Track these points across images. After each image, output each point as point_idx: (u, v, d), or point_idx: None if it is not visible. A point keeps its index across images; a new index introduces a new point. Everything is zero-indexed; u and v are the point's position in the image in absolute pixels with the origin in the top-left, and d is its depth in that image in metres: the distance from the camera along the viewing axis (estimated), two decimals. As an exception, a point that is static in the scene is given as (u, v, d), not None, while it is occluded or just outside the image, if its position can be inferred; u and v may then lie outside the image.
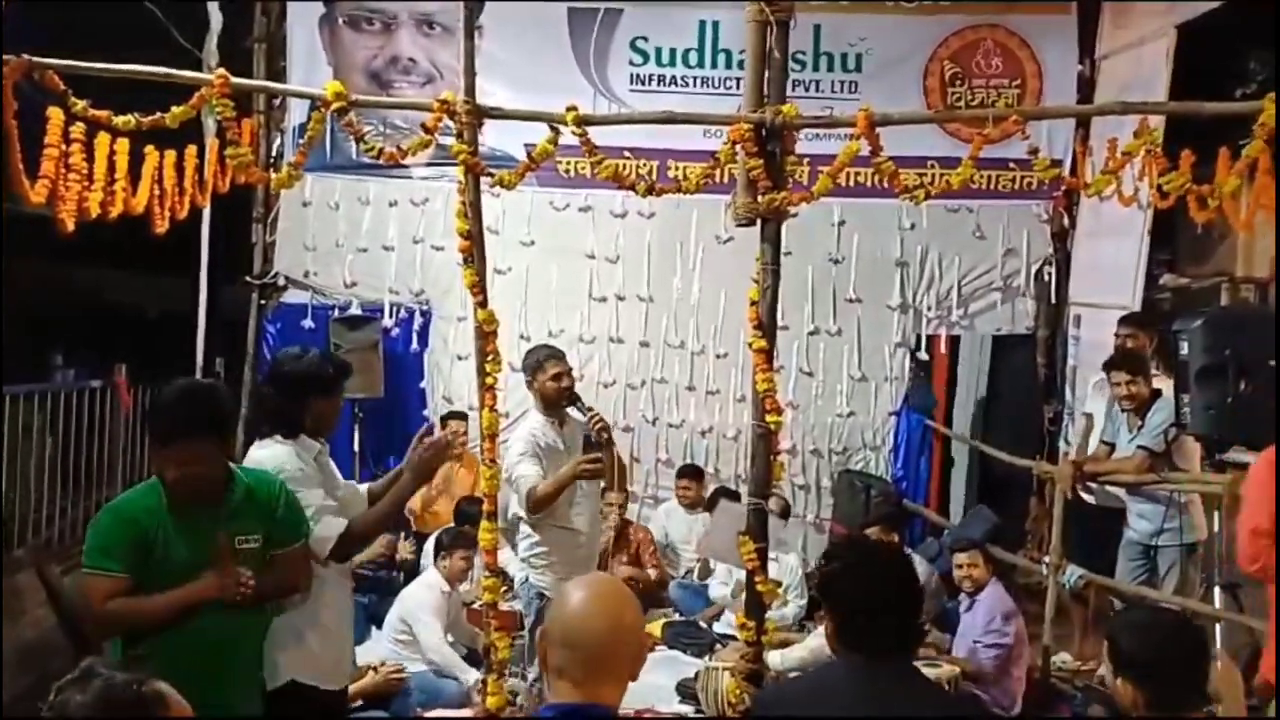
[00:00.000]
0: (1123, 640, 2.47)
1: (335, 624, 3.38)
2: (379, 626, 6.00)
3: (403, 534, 6.54)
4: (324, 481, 3.35)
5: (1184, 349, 4.50)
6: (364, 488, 3.63)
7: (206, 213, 6.73)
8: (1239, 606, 4.69)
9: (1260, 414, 4.12)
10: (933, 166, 7.29)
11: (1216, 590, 4.68)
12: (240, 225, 7.71)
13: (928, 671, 3.86)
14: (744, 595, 3.93)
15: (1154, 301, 7.15)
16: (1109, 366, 5.58)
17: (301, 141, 3.92)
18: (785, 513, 6.74)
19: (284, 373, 3.41)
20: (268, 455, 3.29)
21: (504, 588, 4.31)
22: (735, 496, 6.26)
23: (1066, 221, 7.79)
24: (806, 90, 7.46)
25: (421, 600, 5.41)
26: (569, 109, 3.77)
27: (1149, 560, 5.43)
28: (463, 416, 7.02)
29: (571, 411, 4.57)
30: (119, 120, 3.63)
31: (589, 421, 4.45)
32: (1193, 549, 5.32)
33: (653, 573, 6.71)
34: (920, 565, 5.31)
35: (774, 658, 4.79)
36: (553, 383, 4.48)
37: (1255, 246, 6.79)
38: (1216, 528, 4.80)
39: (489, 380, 3.80)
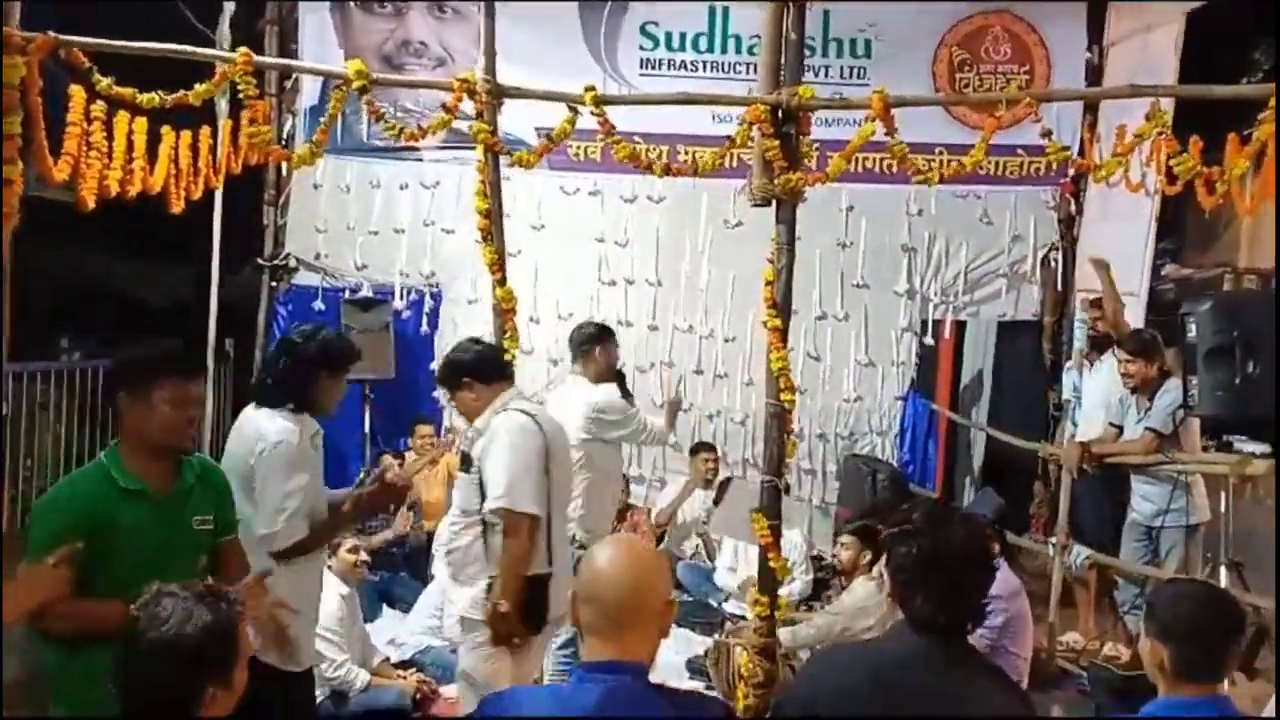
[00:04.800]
0: (1161, 604, 2.50)
1: (299, 607, 3.32)
2: (390, 605, 6.07)
3: (406, 507, 6.47)
4: (313, 469, 3.38)
5: (1191, 331, 4.54)
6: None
7: (219, 194, 6.75)
8: (1244, 585, 4.74)
9: (1267, 395, 4.16)
10: (941, 153, 7.31)
11: (1223, 569, 4.73)
12: (251, 208, 7.75)
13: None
14: (752, 589, 4.01)
15: (1158, 291, 7.20)
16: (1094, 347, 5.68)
17: (323, 120, 3.95)
18: (786, 490, 6.78)
19: (295, 346, 3.44)
20: (275, 425, 3.31)
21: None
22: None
23: (1073, 208, 7.83)
24: (816, 75, 7.47)
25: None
26: (588, 88, 3.81)
27: (1152, 541, 5.49)
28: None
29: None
30: (143, 98, 3.67)
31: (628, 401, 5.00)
32: (1194, 530, 5.39)
33: None
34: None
35: (784, 635, 4.83)
36: (615, 356, 5.04)
37: (1258, 237, 6.84)
38: (1223, 508, 4.85)
39: (507, 357, 3.85)
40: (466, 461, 3.80)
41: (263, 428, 3.31)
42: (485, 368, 3.84)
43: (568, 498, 4.01)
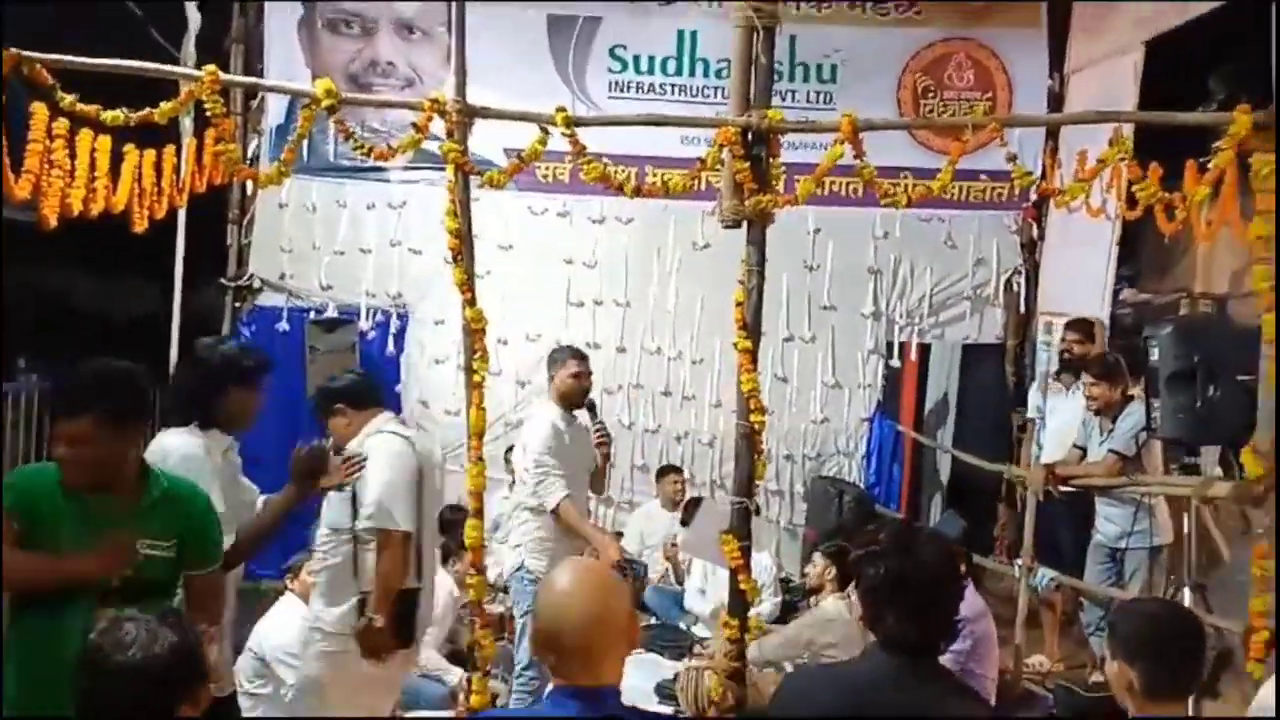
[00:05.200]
0: (1123, 624, 2.52)
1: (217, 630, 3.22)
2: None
3: None
4: (228, 480, 3.34)
5: (1154, 355, 4.60)
6: (262, 498, 3.59)
7: (182, 214, 6.68)
8: (1207, 607, 4.79)
9: (1229, 418, 4.22)
10: (905, 177, 7.38)
11: (1186, 591, 4.77)
12: (215, 227, 7.66)
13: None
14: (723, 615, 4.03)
15: (1117, 315, 7.31)
16: (1068, 370, 5.72)
17: (290, 139, 3.92)
18: (756, 511, 6.79)
19: (202, 360, 3.42)
20: (179, 444, 3.23)
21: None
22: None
23: (1035, 232, 7.93)
24: (782, 100, 7.50)
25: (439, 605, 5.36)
26: (558, 109, 3.81)
27: (1116, 563, 5.54)
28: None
29: (579, 414, 4.95)
30: (107, 115, 3.61)
31: (595, 430, 4.95)
32: (1158, 551, 5.44)
33: None
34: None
35: (751, 649, 4.81)
36: (572, 380, 4.86)
37: (1214, 263, 6.95)
38: (1186, 530, 4.90)
39: (476, 378, 3.82)
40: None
41: (166, 447, 3.22)
42: (356, 394, 4.03)
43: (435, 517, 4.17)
